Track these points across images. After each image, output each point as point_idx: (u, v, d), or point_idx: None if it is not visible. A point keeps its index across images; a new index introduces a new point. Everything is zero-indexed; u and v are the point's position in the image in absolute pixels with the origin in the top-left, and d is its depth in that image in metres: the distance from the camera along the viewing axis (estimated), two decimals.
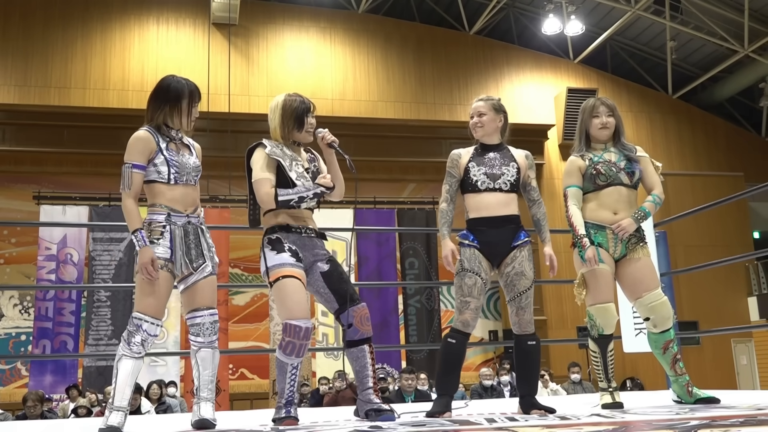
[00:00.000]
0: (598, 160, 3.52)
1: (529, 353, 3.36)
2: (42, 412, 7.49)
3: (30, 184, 12.95)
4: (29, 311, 12.70)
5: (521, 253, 3.37)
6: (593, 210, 3.52)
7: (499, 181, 3.38)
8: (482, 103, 3.53)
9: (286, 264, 3.09)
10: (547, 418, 3.01)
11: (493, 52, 15.58)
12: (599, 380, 3.47)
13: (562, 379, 10.33)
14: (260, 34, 14.40)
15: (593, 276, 3.44)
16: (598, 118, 3.56)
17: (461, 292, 3.32)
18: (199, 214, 3.17)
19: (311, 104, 3.34)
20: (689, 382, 3.45)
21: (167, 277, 3.02)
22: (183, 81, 3.15)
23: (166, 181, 3.06)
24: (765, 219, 16.37)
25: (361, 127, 13.38)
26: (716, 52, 15.42)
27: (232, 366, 12.81)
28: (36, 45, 13.28)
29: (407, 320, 13.34)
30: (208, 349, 3.08)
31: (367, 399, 3.16)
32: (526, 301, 3.35)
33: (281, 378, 3.07)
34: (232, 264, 13.10)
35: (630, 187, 3.51)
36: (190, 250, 3.07)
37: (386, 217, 13.43)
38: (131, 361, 2.96)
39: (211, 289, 3.13)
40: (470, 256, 3.34)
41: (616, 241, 3.46)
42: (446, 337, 3.36)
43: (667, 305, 3.43)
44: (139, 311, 2.97)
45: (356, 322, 3.19)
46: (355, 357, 3.21)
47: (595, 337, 3.46)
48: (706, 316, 13.14)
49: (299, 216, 3.22)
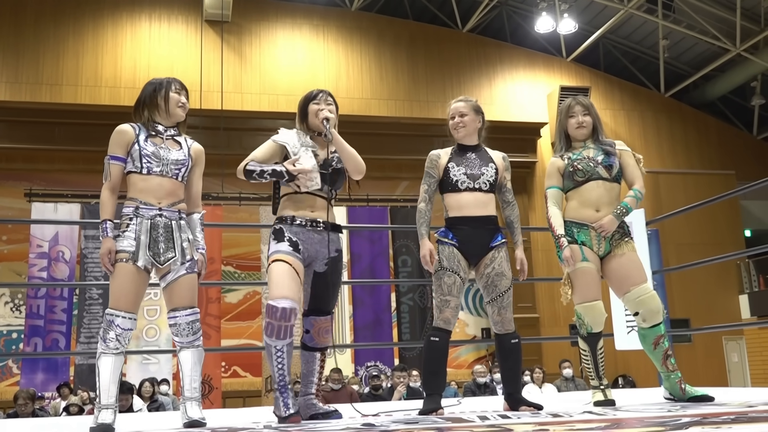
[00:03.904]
0: (577, 158, 3.54)
1: (513, 351, 3.40)
2: (33, 410, 7.46)
3: (21, 181, 12.89)
4: (21, 309, 12.64)
5: (499, 253, 3.39)
6: (575, 208, 3.53)
7: (478, 181, 3.41)
8: (462, 104, 3.58)
9: (280, 251, 3.11)
10: (539, 415, 3.01)
11: (486, 50, 15.58)
12: (590, 378, 3.48)
13: (555, 377, 10.36)
14: (253, 32, 14.36)
15: (579, 275, 3.45)
16: (573, 118, 3.59)
17: (441, 291, 3.34)
18: (180, 209, 3.15)
19: (316, 92, 3.38)
20: (681, 378, 3.43)
21: (133, 270, 3.00)
22: (159, 78, 3.26)
23: (139, 171, 3.08)
24: (756, 217, 16.45)
25: (354, 125, 13.29)
26: (708, 51, 15.48)
27: (224, 364, 12.78)
28: (27, 41, 13.21)
29: (400, 318, 13.35)
30: (188, 349, 3.09)
31: (310, 403, 3.24)
32: (508, 300, 3.37)
33: (270, 363, 3.09)
34: (225, 262, 13.08)
35: (610, 180, 3.51)
36: (157, 243, 3.05)
37: (379, 215, 13.43)
38: (111, 357, 2.96)
39: (188, 287, 3.10)
40: (449, 254, 3.35)
41: (600, 238, 3.47)
42: (429, 337, 3.36)
43: (655, 299, 3.41)
44: (110, 307, 2.98)
45: (313, 332, 3.27)
46: (306, 360, 3.30)
47: (584, 335, 3.47)
48: (698, 314, 13.20)
49: (308, 207, 3.21)
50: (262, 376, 12.62)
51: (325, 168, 3.23)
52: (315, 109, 3.30)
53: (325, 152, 3.28)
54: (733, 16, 14.06)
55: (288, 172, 3.12)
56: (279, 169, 3.14)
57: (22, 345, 12.22)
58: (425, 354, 3.36)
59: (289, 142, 3.23)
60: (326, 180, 3.23)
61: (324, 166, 3.23)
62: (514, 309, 3.44)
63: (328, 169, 3.23)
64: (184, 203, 3.19)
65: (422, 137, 14.03)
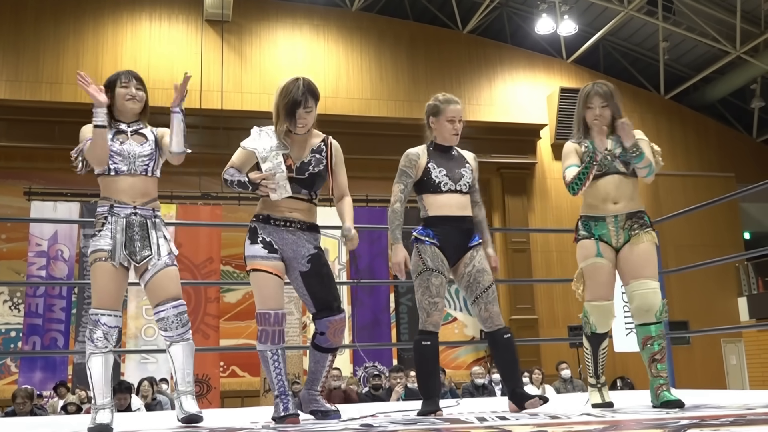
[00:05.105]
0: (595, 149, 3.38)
1: (508, 346, 3.35)
2: (32, 408, 7.46)
3: (21, 179, 12.88)
4: (19, 307, 12.63)
5: (478, 253, 3.39)
6: (592, 204, 3.40)
7: (459, 183, 3.41)
8: (460, 108, 3.62)
9: (257, 257, 3.10)
10: (538, 416, 3.01)
11: (486, 51, 15.58)
12: (589, 376, 3.43)
13: (553, 378, 10.35)
14: (253, 31, 14.36)
15: (591, 271, 3.35)
16: (591, 110, 3.45)
17: (429, 293, 3.29)
18: (154, 207, 3.14)
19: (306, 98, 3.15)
20: (662, 385, 3.23)
21: (111, 268, 3.01)
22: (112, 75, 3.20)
23: (107, 172, 3.09)
24: (756, 219, 16.45)
25: (354, 125, 13.35)
26: (708, 53, 15.48)
27: (223, 363, 12.77)
28: (28, 40, 13.20)
29: (399, 318, 13.34)
30: (179, 343, 3.08)
31: (313, 398, 3.24)
32: (493, 295, 3.34)
33: (267, 370, 3.09)
34: (224, 261, 13.06)
35: (627, 175, 3.38)
36: (133, 242, 3.05)
37: (378, 215, 13.42)
38: (100, 357, 2.98)
39: (171, 280, 3.09)
40: (432, 254, 3.32)
41: (618, 230, 3.34)
42: (420, 341, 3.33)
43: (649, 297, 3.24)
44: (94, 307, 3.01)
45: (329, 333, 3.22)
46: (317, 359, 3.28)
47: (587, 334, 3.40)
48: (697, 316, 13.20)
49: (285, 207, 3.15)
50: (260, 376, 12.60)
51: (301, 173, 3.17)
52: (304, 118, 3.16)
53: (304, 152, 3.20)
54: (733, 19, 14.06)
55: (251, 182, 3.07)
56: (243, 179, 3.09)
57: (20, 343, 12.21)
58: (418, 358, 3.35)
59: (258, 148, 3.15)
60: (302, 184, 3.17)
61: (300, 171, 3.17)
62: (513, 310, 3.44)
63: (304, 174, 3.18)
64: (157, 201, 3.19)
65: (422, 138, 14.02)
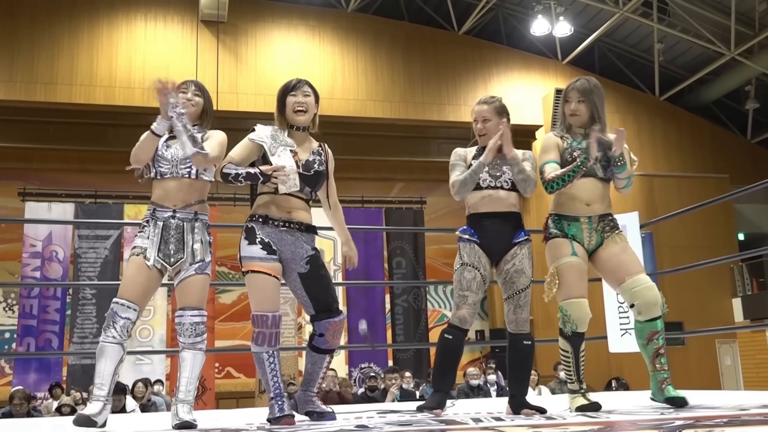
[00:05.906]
0: (576, 146, 3.35)
1: (525, 353, 3.33)
2: (28, 410, 7.45)
3: (15, 180, 12.83)
4: (13, 309, 12.60)
5: (522, 250, 3.33)
6: (565, 202, 3.37)
7: (500, 180, 3.35)
8: (486, 108, 3.42)
9: (255, 258, 3.06)
10: (533, 418, 3.01)
11: (482, 52, 15.60)
12: (569, 381, 3.32)
13: (549, 379, 10.36)
14: (249, 32, 14.35)
15: (566, 269, 3.30)
16: (568, 104, 3.42)
17: (460, 286, 3.26)
18: (196, 211, 3.17)
19: (294, 82, 3.21)
20: (666, 379, 3.25)
21: (142, 262, 3.05)
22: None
23: (153, 176, 3.17)
24: (750, 221, 16.51)
25: (350, 126, 13.35)
26: (703, 55, 15.52)
27: (218, 365, 12.75)
28: (22, 40, 13.17)
29: (394, 319, 13.34)
30: (189, 350, 3.09)
31: (309, 399, 3.23)
32: (525, 299, 3.31)
33: (262, 372, 3.07)
34: (219, 262, 13.05)
35: (603, 180, 3.36)
36: (168, 245, 3.09)
37: (374, 216, 13.42)
38: (108, 346, 2.99)
39: (196, 289, 3.12)
40: (470, 250, 3.29)
41: (591, 230, 3.32)
42: (443, 333, 3.30)
43: (652, 290, 3.22)
44: (116, 297, 3.03)
45: (328, 335, 3.21)
46: (314, 361, 3.26)
47: (568, 334, 3.30)
48: (691, 317, 13.23)
49: (283, 207, 3.12)
50: (255, 377, 12.59)
51: (307, 170, 3.16)
52: (292, 102, 3.18)
53: (306, 152, 3.20)
54: (728, 21, 14.11)
55: (263, 173, 3.02)
56: (253, 171, 3.04)
57: (14, 345, 12.17)
58: (437, 350, 3.31)
59: (267, 141, 3.14)
60: (307, 181, 3.16)
61: (306, 168, 3.16)
62: None
63: (310, 171, 3.17)
64: (204, 204, 3.23)
65: (418, 139, 14.04)
